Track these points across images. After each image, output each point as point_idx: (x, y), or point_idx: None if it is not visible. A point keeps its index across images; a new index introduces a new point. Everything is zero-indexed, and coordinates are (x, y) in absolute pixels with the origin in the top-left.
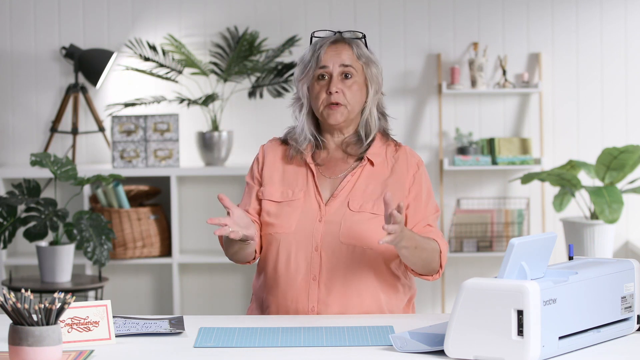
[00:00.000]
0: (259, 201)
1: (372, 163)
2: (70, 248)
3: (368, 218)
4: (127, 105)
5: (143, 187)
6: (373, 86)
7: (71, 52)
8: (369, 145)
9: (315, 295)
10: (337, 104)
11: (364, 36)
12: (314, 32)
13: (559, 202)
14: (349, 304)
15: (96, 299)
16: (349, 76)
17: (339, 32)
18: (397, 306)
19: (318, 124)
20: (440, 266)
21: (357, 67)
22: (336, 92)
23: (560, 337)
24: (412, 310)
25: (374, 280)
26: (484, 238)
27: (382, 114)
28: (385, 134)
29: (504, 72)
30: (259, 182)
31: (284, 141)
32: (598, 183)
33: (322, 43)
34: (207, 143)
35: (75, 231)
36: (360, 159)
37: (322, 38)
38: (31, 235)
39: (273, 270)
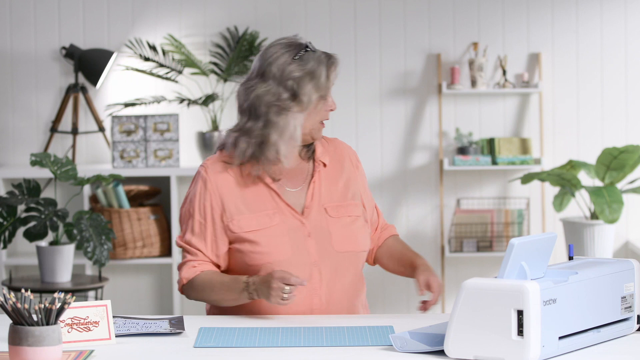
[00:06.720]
0: (227, 236)
1: (324, 164)
2: (70, 248)
3: (350, 222)
4: (127, 105)
5: (143, 187)
6: None
7: (71, 52)
8: (313, 148)
9: (318, 309)
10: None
11: None
12: (312, 46)
13: (559, 202)
14: (349, 309)
15: (96, 299)
16: None
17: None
18: (365, 301)
19: None
20: None
21: None
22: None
23: (560, 337)
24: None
25: (360, 280)
26: (484, 238)
27: None
28: None
29: (504, 72)
30: (221, 217)
31: (223, 159)
32: (598, 183)
33: (332, 64)
34: (207, 143)
35: (75, 231)
36: (309, 159)
37: (332, 58)
38: (31, 235)
39: None
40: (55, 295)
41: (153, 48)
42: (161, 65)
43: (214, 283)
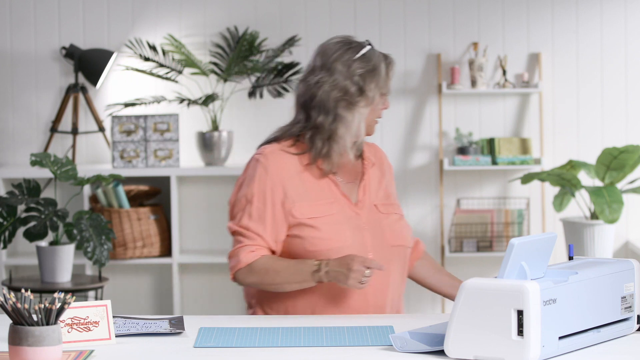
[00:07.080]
0: (287, 222)
1: (372, 164)
2: (70, 248)
3: (397, 219)
4: (127, 105)
5: (143, 187)
6: None
7: (71, 52)
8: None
9: (373, 301)
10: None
11: None
12: (372, 47)
13: (559, 202)
14: (398, 304)
15: (96, 299)
16: None
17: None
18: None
19: None
20: None
21: None
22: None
23: (560, 337)
24: None
25: (405, 276)
26: (484, 238)
27: None
28: None
29: (504, 72)
30: (282, 203)
31: (282, 149)
32: (598, 183)
33: (389, 63)
34: (207, 143)
35: (75, 231)
36: (358, 157)
37: (388, 58)
38: (31, 235)
39: (328, 285)
40: (55, 295)
41: (153, 48)
42: (161, 65)
43: (278, 266)
